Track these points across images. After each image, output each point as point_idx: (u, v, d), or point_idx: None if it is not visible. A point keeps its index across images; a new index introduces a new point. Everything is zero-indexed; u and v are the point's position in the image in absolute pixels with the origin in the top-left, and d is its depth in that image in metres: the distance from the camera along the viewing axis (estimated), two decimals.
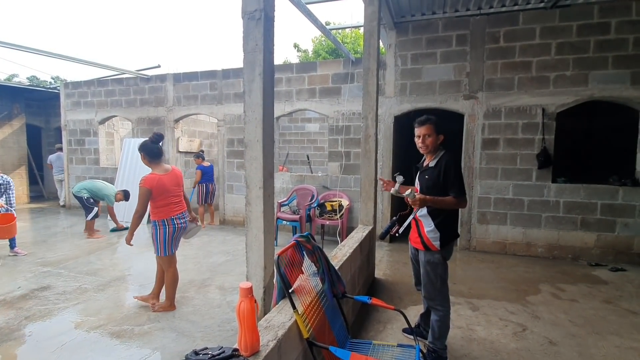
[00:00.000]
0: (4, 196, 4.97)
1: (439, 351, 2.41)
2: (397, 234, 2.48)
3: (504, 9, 4.97)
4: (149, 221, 4.79)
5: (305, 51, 16.91)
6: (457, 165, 2.33)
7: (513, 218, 5.16)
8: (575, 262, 4.87)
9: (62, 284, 3.90)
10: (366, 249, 3.48)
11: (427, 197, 2.22)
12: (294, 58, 18.49)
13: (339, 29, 13.92)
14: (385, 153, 5.69)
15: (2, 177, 5.00)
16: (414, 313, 3.27)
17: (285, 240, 5.62)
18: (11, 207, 4.97)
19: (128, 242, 3.41)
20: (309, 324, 1.66)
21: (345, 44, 14.74)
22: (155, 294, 3.43)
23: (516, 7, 4.93)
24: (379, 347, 1.94)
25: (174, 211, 3.32)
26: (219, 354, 1.13)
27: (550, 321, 3.14)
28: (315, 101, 6.18)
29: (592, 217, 4.86)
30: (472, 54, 5.19)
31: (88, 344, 2.74)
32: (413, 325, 2.73)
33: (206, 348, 1.20)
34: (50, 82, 18.24)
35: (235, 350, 1.21)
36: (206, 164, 6.87)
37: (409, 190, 2.20)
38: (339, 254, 2.79)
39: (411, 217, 2.47)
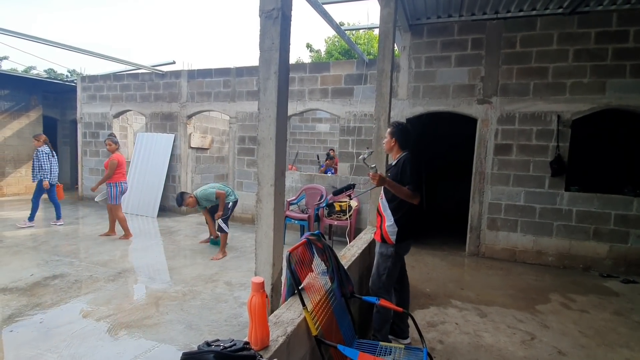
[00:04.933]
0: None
1: None
2: (350, 197, 2.74)
3: (521, 13, 4.92)
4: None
5: (317, 51, 16.94)
6: (414, 163, 2.48)
7: (524, 225, 5.10)
8: (586, 272, 4.78)
9: (74, 273, 3.98)
10: (374, 251, 3.47)
11: (387, 177, 2.44)
12: (306, 58, 18.52)
13: (353, 30, 13.93)
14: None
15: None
16: (421, 317, 3.26)
17: (292, 238, 5.64)
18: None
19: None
20: (318, 322, 1.67)
21: (359, 45, 14.72)
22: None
23: (534, 12, 4.87)
24: (386, 348, 1.94)
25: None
26: (230, 346, 1.14)
27: (560, 331, 3.10)
28: (327, 101, 6.19)
29: (605, 227, 4.77)
30: (488, 58, 5.14)
31: (98, 333, 2.79)
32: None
33: (218, 340, 1.22)
34: (66, 76, 18.59)
35: (247, 343, 1.22)
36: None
37: (374, 165, 2.48)
38: (347, 254, 2.80)
39: (369, 188, 3.02)
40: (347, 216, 5.32)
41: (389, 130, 2.65)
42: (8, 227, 5.66)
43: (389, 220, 2.49)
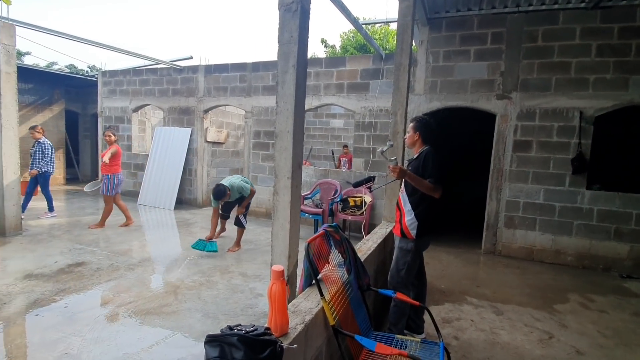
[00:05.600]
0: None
1: None
2: (370, 189, 2.73)
3: (543, 7, 4.78)
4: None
5: (332, 47, 16.85)
6: (436, 157, 2.43)
7: (542, 224, 4.99)
8: (606, 272, 4.66)
9: (95, 261, 4.12)
10: (390, 245, 3.47)
11: (407, 170, 2.41)
12: (320, 53, 18.46)
13: (370, 24, 13.79)
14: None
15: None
16: (435, 313, 3.24)
17: (306, 233, 5.68)
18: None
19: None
20: (335, 312, 1.68)
21: (375, 40, 14.60)
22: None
23: (556, 6, 4.73)
24: (402, 342, 1.94)
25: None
26: (252, 330, 1.17)
27: (578, 331, 3.04)
28: (342, 96, 6.18)
29: (626, 227, 4.63)
30: (508, 53, 5.03)
31: (119, 319, 2.89)
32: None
33: (239, 325, 1.25)
34: (87, 71, 19.08)
35: (267, 329, 1.25)
36: None
37: (395, 157, 2.46)
38: (363, 247, 2.80)
39: (390, 181, 3.02)
40: (362, 211, 5.32)
41: (411, 124, 2.61)
42: (32, 217, 5.88)
43: (409, 215, 2.47)
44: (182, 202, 7.71)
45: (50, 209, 6.09)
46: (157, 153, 7.85)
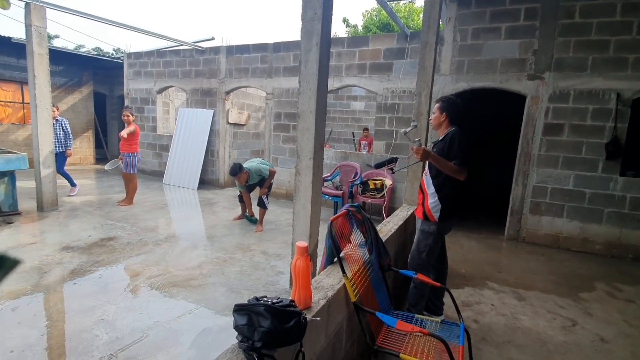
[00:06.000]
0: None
1: None
2: (392, 171, 2.71)
3: None
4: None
5: (354, 26, 16.43)
6: (462, 138, 2.36)
7: (571, 211, 4.82)
8: (635, 262, 4.48)
9: (125, 236, 4.33)
10: (410, 228, 3.46)
11: (432, 152, 2.34)
12: (342, 33, 18.04)
13: (394, 1, 13.29)
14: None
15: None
16: (455, 296, 3.22)
17: (326, 214, 5.70)
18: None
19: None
20: (357, 290, 1.71)
21: (399, 18, 14.10)
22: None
23: None
24: (422, 321, 1.96)
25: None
26: (278, 302, 1.21)
27: (603, 319, 2.97)
28: (364, 77, 6.06)
29: None
30: (542, 30, 4.74)
31: (149, 290, 3.05)
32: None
33: (265, 296, 1.30)
34: (112, 54, 19.49)
35: (292, 301, 1.29)
36: None
37: (418, 139, 2.40)
38: (384, 229, 2.81)
39: (412, 163, 3.06)
40: (382, 194, 5.29)
41: (437, 105, 2.52)
42: (66, 194, 6.20)
43: (432, 197, 2.43)
44: (205, 182, 7.91)
45: (72, 184, 6.30)
46: (180, 134, 8.03)
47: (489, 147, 7.90)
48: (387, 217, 5.10)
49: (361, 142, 9.33)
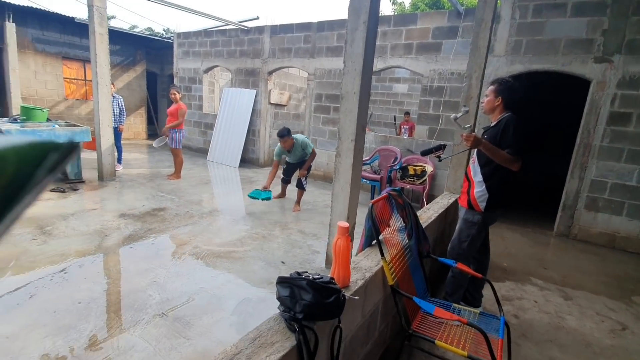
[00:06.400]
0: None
1: None
2: (439, 158, 2.61)
3: None
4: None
5: (401, 4, 15.69)
6: (518, 125, 2.20)
7: (632, 209, 4.40)
8: None
9: (174, 208, 4.63)
10: (450, 217, 3.36)
11: (482, 139, 2.18)
12: (387, 12, 17.31)
13: None
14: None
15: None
16: (495, 289, 3.14)
17: (362, 198, 5.66)
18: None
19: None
20: (394, 273, 1.72)
21: None
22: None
23: None
24: (460, 311, 1.94)
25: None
26: (319, 278, 1.26)
27: None
28: (410, 58, 5.82)
29: None
30: (614, 7, 4.23)
31: (194, 258, 3.27)
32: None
33: (306, 272, 1.35)
34: (162, 34, 20.32)
35: (332, 278, 1.34)
36: None
37: (469, 125, 2.27)
38: (423, 215, 2.76)
39: (461, 150, 2.99)
40: (421, 180, 5.16)
41: (492, 87, 2.34)
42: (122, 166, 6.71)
43: (479, 186, 2.33)
44: (246, 160, 8.17)
45: (119, 161, 6.62)
46: (224, 113, 8.30)
47: (541, 136, 7.36)
48: (426, 204, 4.99)
49: (402, 126, 9.08)
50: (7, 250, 3.13)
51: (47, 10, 8.12)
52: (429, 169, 5.31)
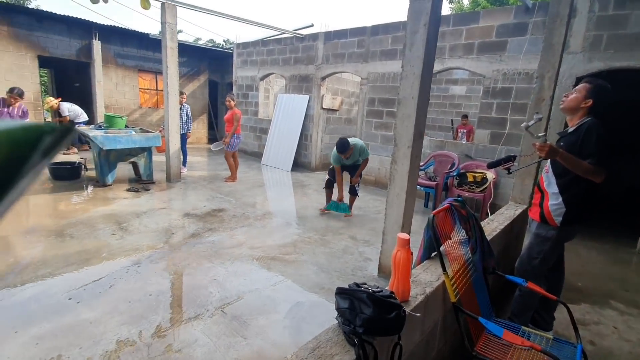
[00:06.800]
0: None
1: None
2: (508, 171, 2.39)
3: None
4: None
5: (459, 2, 14.99)
6: (602, 132, 1.95)
7: None
8: None
9: (232, 209, 4.88)
10: (517, 230, 3.10)
11: (559, 149, 1.91)
12: (444, 11, 16.63)
13: None
14: (554, 123, 4.73)
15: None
16: None
17: (416, 205, 5.51)
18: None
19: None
20: (457, 290, 1.63)
21: None
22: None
23: None
24: (530, 335, 1.77)
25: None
26: (379, 291, 1.23)
27: None
28: (471, 59, 5.51)
29: None
30: None
31: (250, 259, 3.41)
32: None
33: (365, 284, 1.32)
34: (222, 44, 21.66)
35: (392, 292, 1.30)
36: None
37: (544, 133, 1.99)
38: (487, 227, 2.58)
39: (533, 162, 2.78)
40: (482, 189, 4.85)
41: (585, 85, 2.05)
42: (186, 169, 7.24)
43: (554, 199, 2.10)
44: (298, 164, 8.35)
45: (184, 164, 7.08)
46: (278, 118, 8.57)
47: (621, 142, 6.49)
48: (485, 214, 4.67)
49: (459, 130, 8.63)
50: (92, 243, 3.54)
51: (127, 28, 9.10)
52: (491, 176, 4.97)
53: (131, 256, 3.31)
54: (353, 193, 4.98)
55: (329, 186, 4.98)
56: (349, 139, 4.66)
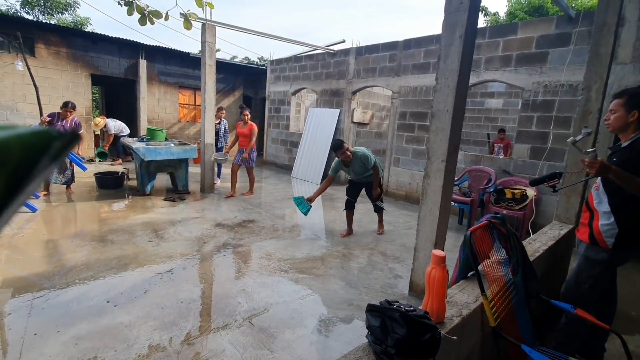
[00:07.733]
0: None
1: None
2: (554, 189, 2.25)
3: None
4: None
5: (494, 14, 14.67)
6: None
7: None
8: None
9: (261, 220, 4.94)
10: (562, 251, 2.88)
11: (613, 166, 1.74)
12: (479, 24, 16.32)
13: None
14: (603, 138, 4.41)
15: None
16: (620, 343, 2.55)
17: (449, 222, 5.30)
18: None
19: None
20: (497, 313, 1.52)
21: None
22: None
23: None
24: None
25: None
26: (412, 310, 1.17)
27: None
28: (508, 71, 5.32)
29: None
30: None
31: (279, 271, 3.40)
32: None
33: (397, 302, 1.27)
34: (256, 61, 22.50)
35: (427, 312, 1.23)
36: None
37: (593, 149, 1.84)
38: (529, 248, 2.41)
39: (581, 180, 2.61)
40: (521, 206, 4.58)
41: (619, 101, 1.93)
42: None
43: (605, 218, 1.93)
44: None
45: (218, 175, 7.33)
46: (309, 132, 8.68)
47: None
48: (525, 233, 4.39)
49: (495, 144, 8.28)
50: (131, 249, 3.70)
51: (170, 47, 9.71)
52: (532, 193, 4.69)
53: (165, 263, 3.42)
54: (378, 210, 4.66)
55: (349, 207, 4.61)
56: (353, 148, 4.41)
